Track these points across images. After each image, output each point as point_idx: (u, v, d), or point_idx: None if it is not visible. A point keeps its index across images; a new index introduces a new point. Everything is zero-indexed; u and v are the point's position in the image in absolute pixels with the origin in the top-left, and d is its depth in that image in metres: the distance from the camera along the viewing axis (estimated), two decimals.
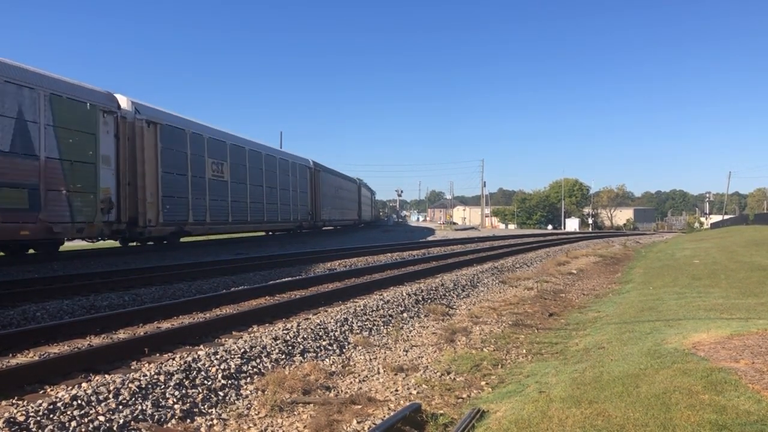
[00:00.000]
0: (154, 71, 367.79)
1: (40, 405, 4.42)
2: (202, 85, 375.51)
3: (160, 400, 4.95)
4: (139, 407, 4.73)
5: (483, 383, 6.05)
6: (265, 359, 6.31)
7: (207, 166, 23.30)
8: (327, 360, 6.74)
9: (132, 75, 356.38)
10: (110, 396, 4.78)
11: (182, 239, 23.56)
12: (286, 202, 32.37)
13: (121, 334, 7.57)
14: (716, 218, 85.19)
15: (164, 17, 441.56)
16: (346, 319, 8.34)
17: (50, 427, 4.19)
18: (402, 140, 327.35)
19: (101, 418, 4.44)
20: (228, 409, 5.07)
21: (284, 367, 6.18)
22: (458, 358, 6.93)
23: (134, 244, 21.90)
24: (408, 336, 8.28)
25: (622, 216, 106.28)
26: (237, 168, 26.01)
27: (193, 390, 5.24)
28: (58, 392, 5.03)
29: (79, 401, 4.59)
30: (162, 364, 5.73)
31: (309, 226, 37.32)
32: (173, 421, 4.72)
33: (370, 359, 6.89)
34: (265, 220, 29.30)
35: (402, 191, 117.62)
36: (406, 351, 7.36)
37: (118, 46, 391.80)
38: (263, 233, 34.13)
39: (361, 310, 9.08)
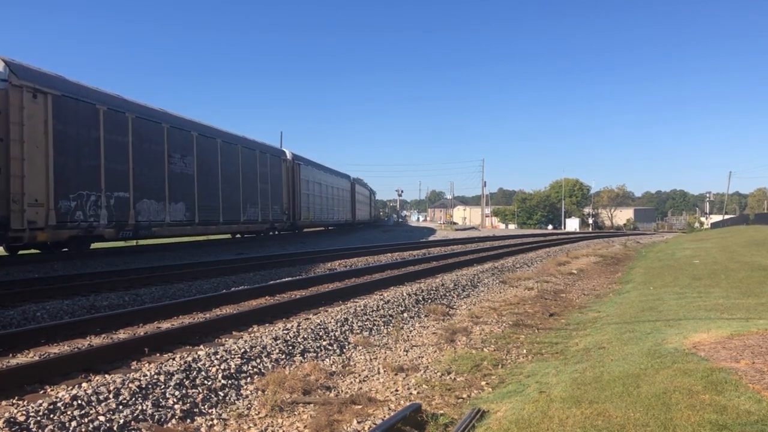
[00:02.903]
0: (153, 71, 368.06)
1: (41, 405, 4.42)
2: (202, 86, 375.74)
3: (161, 400, 4.94)
4: (140, 407, 4.73)
5: (483, 383, 6.04)
6: (265, 359, 6.31)
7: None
8: (327, 360, 6.74)
9: (131, 75, 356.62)
10: (110, 396, 4.78)
11: None
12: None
13: (121, 334, 7.57)
14: (716, 218, 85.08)
15: (164, 17, 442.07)
16: (346, 319, 8.34)
17: (50, 427, 4.19)
18: (402, 140, 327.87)
19: (101, 418, 4.44)
20: (228, 409, 5.06)
21: (284, 367, 6.17)
22: (458, 358, 6.93)
23: None
24: (408, 336, 8.27)
25: (623, 216, 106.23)
26: None
27: (194, 390, 5.24)
28: (58, 392, 5.03)
29: (79, 401, 4.59)
30: (162, 364, 5.73)
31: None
32: (173, 421, 4.72)
33: (371, 359, 6.89)
34: None
35: (402, 191, 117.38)
36: (407, 351, 7.35)
37: (118, 47, 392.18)
38: None
39: (362, 310, 9.08)
